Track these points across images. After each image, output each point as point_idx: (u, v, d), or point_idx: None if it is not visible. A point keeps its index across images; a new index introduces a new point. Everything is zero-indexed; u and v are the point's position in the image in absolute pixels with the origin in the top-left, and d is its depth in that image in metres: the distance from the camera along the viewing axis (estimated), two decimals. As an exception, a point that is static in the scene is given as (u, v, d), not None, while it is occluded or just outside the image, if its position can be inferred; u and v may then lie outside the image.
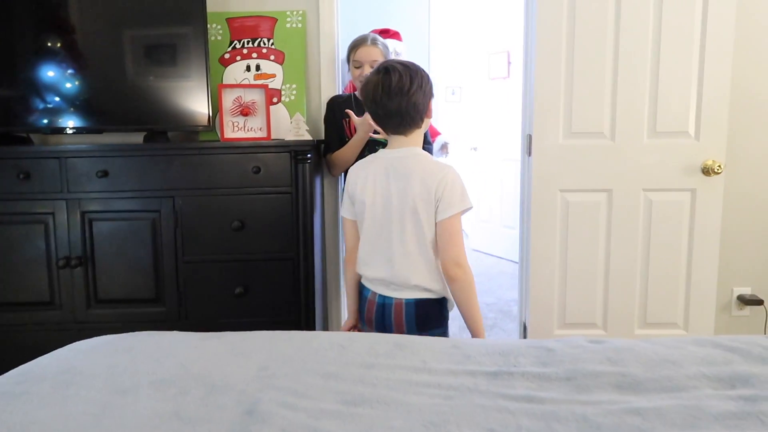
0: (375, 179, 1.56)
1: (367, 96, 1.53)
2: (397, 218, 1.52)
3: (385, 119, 1.54)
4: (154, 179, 2.11)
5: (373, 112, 1.55)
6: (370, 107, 1.54)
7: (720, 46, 2.30)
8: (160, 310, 2.16)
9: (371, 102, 1.52)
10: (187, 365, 1.10)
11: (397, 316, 1.55)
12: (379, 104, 1.50)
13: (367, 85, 1.53)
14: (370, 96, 1.51)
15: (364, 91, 1.55)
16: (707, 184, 2.38)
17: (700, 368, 1.10)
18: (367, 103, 1.54)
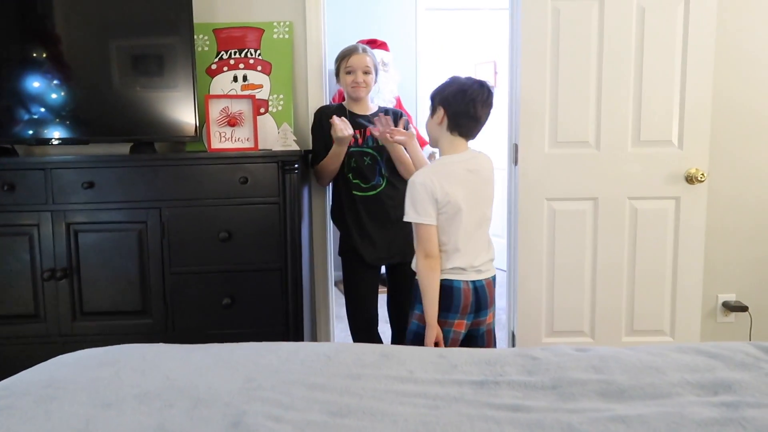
0: (462, 180, 1.75)
1: (467, 100, 1.71)
2: (483, 208, 1.80)
3: (472, 125, 1.77)
4: (141, 190, 2.10)
5: (463, 114, 1.73)
6: (464, 110, 1.72)
7: (701, 55, 2.34)
8: (147, 322, 2.14)
9: (470, 107, 1.72)
10: (172, 378, 1.10)
11: (490, 293, 1.80)
12: (474, 111, 1.73)
13: (468, 90, 1.71)
14: (472, 102, 1.71)
15: (463, 93, 1.71)
16: (691, 192, 2.41)
17: (683, 375, 1.11)
18: (463, 106, 1.72)
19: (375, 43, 3.60)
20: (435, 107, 1.79)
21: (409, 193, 1.75)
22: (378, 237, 2.24)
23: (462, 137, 1.79)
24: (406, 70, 4.22)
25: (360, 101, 2.31)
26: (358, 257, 2.25)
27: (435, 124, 1.80)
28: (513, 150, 2.50)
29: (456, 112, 1.74)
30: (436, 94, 1.80)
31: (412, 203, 1.74)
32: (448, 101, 1.75)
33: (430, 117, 1.83)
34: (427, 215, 1.72)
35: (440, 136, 1.81)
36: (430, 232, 1.73)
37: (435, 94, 1.80)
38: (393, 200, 2.26)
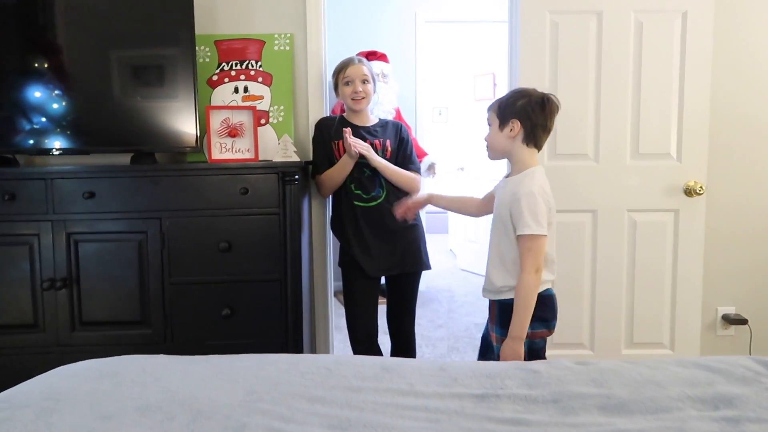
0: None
1: (546, 114, 1.73)
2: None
3: (545, 138, 1.78)
4: (141, 200, 2.10)
5: (541, 127, 1.74)
6: (542, 123, 1.74)
7: (698, 68, 2.36)
8: (146, 332, 2.14)
9: (548, 121, 1.74)
10: (173, 390, 1.09)
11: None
12: (550, 125, 1.76)
13: (547, 104, 1.73)
14: (550, 115, 1.74)
15: (542, 107, 1.72)
16: (690, 205, 2.42)
17: (684, 389, 1.11)
18: (542, 119, 1.73)
19: (375, 55, 3.62)
20: (506, 120, 1.75)
21: (527, 204, 1.67)
22: (378, 248, 2.25)
23: (536, 149, 1.78)
24: (405, 81, 4.25)
25: (359, 112, 2.32)
26: (358, 268, 2.25)
27: (506, 137, 1.76)
28: (512, 162, 2.51)
29: (535, 125, 1.72)
30: (506, 107, 1.75)
31: (532, 215, 1.66)
32: (526, 114, 1.72)
33: (498, 130, 1.77)
34: (545, 227, 1.68)
35: (513, 148, 1.76)
36: (545, 244, 1.69)
37: (505, 107, 1.76)
38: (393, 211, 2.26)
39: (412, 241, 2.30)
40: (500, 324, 1.75)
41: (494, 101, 1.83)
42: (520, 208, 1.67)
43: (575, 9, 2.37)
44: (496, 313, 1.78)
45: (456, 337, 3.41)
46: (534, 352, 1.73)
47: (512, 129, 1.74)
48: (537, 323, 1.71)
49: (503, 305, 1.74)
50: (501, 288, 1.75)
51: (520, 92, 1.77)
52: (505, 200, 1.76)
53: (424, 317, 3.71)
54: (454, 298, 4.28)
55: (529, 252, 1.67)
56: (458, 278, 4.91)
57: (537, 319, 1.71)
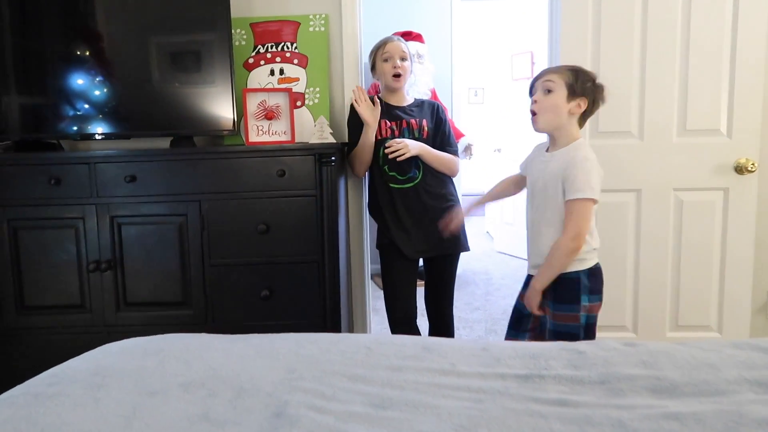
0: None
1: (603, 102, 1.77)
2: None
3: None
4: (181, 183, 2.13)
5: (594, 112, 1.78)
6: (597, 108, 1.77)
7: (752, 39, 2.24)
8: (187, 313, 2.18)
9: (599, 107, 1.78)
10: (215, 367, 1.10)
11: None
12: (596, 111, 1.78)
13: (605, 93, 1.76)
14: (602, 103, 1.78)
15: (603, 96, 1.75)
16: (741, 183, 2.32)
17: (741, 372, 1.06)
18: (599, 105, 1.77)
19: (410, 35, 3.57)
20: (576, 95, 1.71)
21: (582, 169, 1.66)
22: (415, 230, 2.23)
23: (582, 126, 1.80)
24: (441, 62, 4.18)
25: (396, 92, 2.29)
26: (396, 250, 2.24)
27: (568, 110, 1.72)
28: (552, 140, 2.44)
29: (593, 108, 1.76)
30: (580, 82, 1.71)
31: (586, 179, 1.64)
32: (593, 96, 1.74)
33: (564, 101, 1.71)
34: (597, 191, 1.67)
35: (569, 123, 1.74)
36: (592, 210, 1.68)
37: (579, 82, 1.71)
38: (430, 193, 2.24)
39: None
40: (554, 298, 1.74)
41: (560, 67, 1.79)
42: (575, 173, 1.65)
43: (620, -20, 2.28)
44: (550, 288, 1.75)
45: (493, 319, 3.37)
46: (590, 327, 1.73)
47: (579, 105, 1.72)
48: (594, 296, 1.72)
49: (559, 279, 1.73)
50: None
51: (588, 73, 1.75)
52: (555, 172, 1.73)
53: (461, 300, 3.68)
54: (491, 280, 4.24)
55: (572, 216, 1.66)
56: (495, 261, 4.85)
57: (593, 292, 1.71)
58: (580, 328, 1.71)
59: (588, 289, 1.71)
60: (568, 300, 1.72)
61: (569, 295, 1.72)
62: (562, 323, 1.72)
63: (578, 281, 1.71)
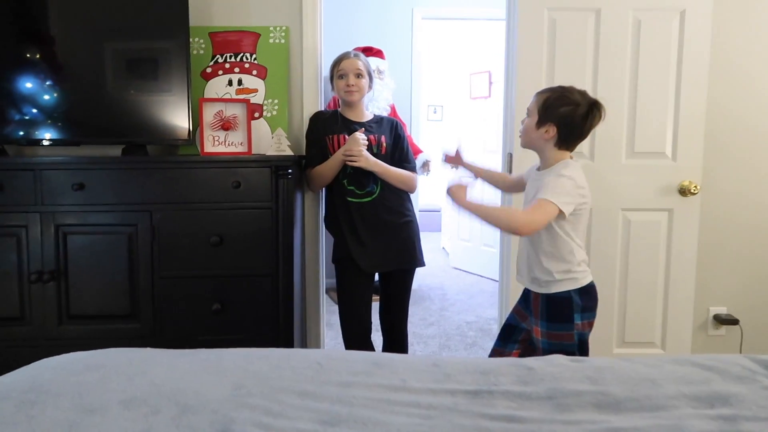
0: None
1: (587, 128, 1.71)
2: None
3: (578, 142, 1.76)
4: (132, 193, 2.07)
5: (577, 137, 1.73)
6: (578, 134, 1.72)
7: (695, 68, 2.35)
8: (135, 326, 2.11)
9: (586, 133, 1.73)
10: (159, 383, 1.07)
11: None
12: (586, 135, 1.74)
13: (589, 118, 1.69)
14: (589, 130, 1.72)
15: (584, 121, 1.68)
16: (684, 205, 2.41)
17: (680, 387, 1.09)
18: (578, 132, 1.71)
19: (371, 51, 3.60)
20: (544, 121, 1.71)
21: (560, 180, 1.67)
22: (373, 244, 2.23)
23: (568, 152, 1.77)
24: (401, 78, 4.22)
25: (354, 107, 2.30)
26: (352, 264, 2.23)
27: (539, 135, 1.73)
28: (508, 159, 2.50)
29: (571, 133, 1.71)
30: (548, 108, 1.70)
31: (559, 189, 1.65)
32: (565, 122, 1.69)
33: (533, 125, 1.73)
34: (563, 202, 1.65)
35: (545, 147, 1.75)
36: (552, 215, 1.65)
37: (547, 107, 1.70)
38: (388, 208, 2.24)
39: (407, 238, 2.29)
40: (546, 318, 1.74)
41: (543, 91, 1.76)
42: (549, 180, 1.68)
43: (573, 6, 2.35)
44: (541, 306, 1.76)
45: (448, 335, 3.39)
46: (584, 344, 1.74)
47: (547, 131, 1.71)
48: (587, 314, 1.73)
49: (551, 299, 1.73)
50: (555, 274, 1.72)
51: (568, 97, 1.70)
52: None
53: (416, 315, 3.69)
54: (447, 296, 4.27)
55: (533, 208, 1.65)
56: (451, 276, 4.89)
57: (585, 310, 1.72)
58: (574, 346, 1.71)
59: (581, 308, 1.71)
60: (562, 319, 1.72)
61: (562, 315, 1.72)
62: (556, 342, 1.71)
63: (570, 300, 1.71)
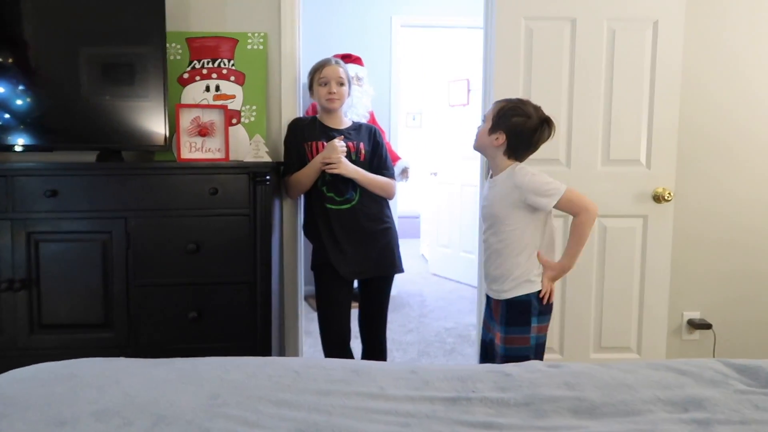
0: None
1: (534, 141, 1.81)
2: None
3: (527, 155, 1.85)
4: (106, 200, 2.04)
5: (524, 149, 1.82)
6: (526, 147, 1.82)
7: (668, 77, 2.40)
8: (109, 335, 2.07)
9: (534, 147, 1.83)
10: (132, 394, 1.05)
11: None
12: (534, 149, 1.84)
13: (537, 133, 1.79)
14: (536, 144, 1.82)
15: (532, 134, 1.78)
16: (658, 211, 2.45)
17: (655, 392, 1.11)
18: (526, 145, 1.81)
19: (350, 58, 3.60)
20: (496, 129, 1.81)
21: (534, 181, 1.76)
22: (352, 251, 2.22)
23: (517, 161, 1.85)
24: (380, 85, 4.23)
25: (333, 114, 2.30)
26: (332, 271, 2.22)
27: (491, 141, 1.82)
28: (485, 166, 2.51)
29: (519, 145, 1.80)
30: (501, 116, 1.80)
31: (544, 182, 1.76)
32: (514, 133, 1.79)
33: (486, 131, 1.84)
34: (559, 183, 1.76)
35: (495, 154, 1.85)
36: (574, 191, 1.77)
37: (501, 116, 1.80)
38: (367, 214, 2.24)
39: (386, 245, 2.28)
40: (506, 322, 1.78)
41: (501, 100, 1.86)
42: (532, 189, 1.75)
43: (550, 16, 2.39)
44: (501, 311, 1.80)
45: (427, 341, 3.39)
46: (539, 347, 1.77)
47: (497, 138, 1.81)
48: (543, 316, 1.77)
49: (511, 303, 1.77)
50: (519, 277, 1.77)
51: (521, 109, 1.80)
52: (497, 197, 1.82)
53: (395, 322, 3.69)
54: (426, 302, 4.27)
55: (569, 204, 1.77)
56: (430, 283, 4.90)
57: (542, 313, 1.77)
58: (530, 350, 1.75)
59: (538, 311, 1.76)
60: (520, 323, 1.76)
61: (520, 318, 1.76)
62: (512, 347, 1.75)
63: (529, 304, 1.76)
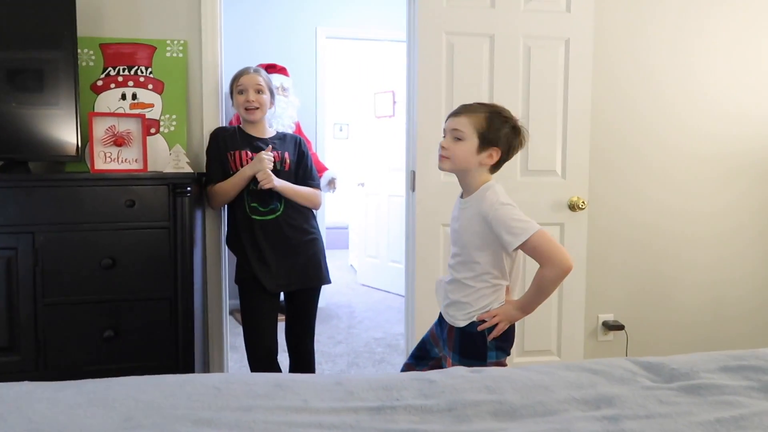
0: None
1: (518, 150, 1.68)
2: None
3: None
4: (11, 213, 1.90)
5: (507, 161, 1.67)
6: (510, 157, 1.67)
7: (579, 92, 2.54)
8: (14, 359, 1.93)
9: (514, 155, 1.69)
10: (36, 421, 0.98)
11: None
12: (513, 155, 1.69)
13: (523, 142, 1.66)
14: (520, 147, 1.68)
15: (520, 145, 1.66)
16: (573, 219, 2.57)
17: (570, 392, 1.16)
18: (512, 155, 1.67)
19: (274, 68, 3.57)
20: (488, 146, 1.60)
21: (505, 213, 1.57)
22: (277, 263, 2.19)
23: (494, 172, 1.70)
24: (306, 96, 4.22)
25: (257, 123, 2.27)
26: (256, 284, 2.18)
27: (479, 160, 1.62)
28: (411, 177, 2.55)
29: (508, 156, 1.65)
30: (490, 131, 1.59)
31: (516, 220, 1.56)
32: (507, 145, 1.62)
33: (473, 150, 1.60)
34: (532, 222, 1.56)
35: (477, 171, 1.64)
36: (546, 235, 1.56)
37: (489, 131, 1.59)
38: (291, 225, 2.22)
39: (312, 256, 2.27)
40: (460, 352, 1.65)
41: (473, 109, 1.63)
42: (502, 224, 1.56)
43: (470, 32, 2.47)
44: (455, 339, 1.67)
45: (356, 352, 3.39)
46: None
47: (491, 156, 1.61)
48: (501, 352, 1.66)
49: (465, 333, 1.65)
50: (481, 309, 1.65)
51: (501, 116, 1.62)
52: (470, 218, 1.65)
53: (323, 333, 3.66)
54: (354, 313, 4.27)
55: (536, 252, 1.57)
56: (358, 293, 4.90)
57: (500, 349, 1.65)
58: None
59: (495, 345, 1.65)
60: (475, 356, 1.63)
61: (476, 351, 1.64)
62: None
63: (485, 337, 1.63)
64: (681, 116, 2.82)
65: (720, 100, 2.84)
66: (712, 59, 2.82)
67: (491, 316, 1.64)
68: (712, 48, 2.81)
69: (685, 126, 2.83)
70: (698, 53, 2.80)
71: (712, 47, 2.81)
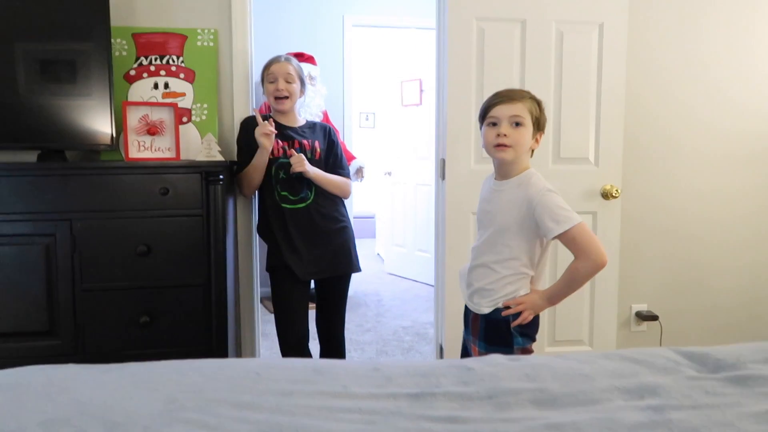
0: None
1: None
2: None
3: None
4: (49, 201, 1.94)
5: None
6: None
7: (614, 78, 2.48)
8: (54, 343, 1.98)
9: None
10: (84, 401, 1.00)
11: None
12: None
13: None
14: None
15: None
16: (606, 208, 2.53)
17: (612, 381, 1.14)
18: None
19: (302, 57, 3.57)
20: (538, 130, 1.65)
21: (551, 202, 1.55)
22: (308, 251, 2.20)
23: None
24: (333, 85, 4.22)
25: (287, 112, 2.27)
26: (288, 272, 2.19)
27: (531, 145, 1.66)
28: (440, 165, 2.53)
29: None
30: (540, 117, 1.65)
31: (560, 208, 1.54)
32: (543, 129, 1.67)
33: (531, 135, 1.63)
34: (575, 214, 1.55)
35: (525, 155, 1.65)
36: (586, 228, 1.55)
37: (539, 117, 1.64)
38: (321, 214, 2.22)
39: (343, 244, 2.27)
40: (485, 339, 1.66)
41: (524, 95, 1.65)
42: (546, 210, 1.55)
43: (501, 17, 2.43)
44: (480, 327, 1.67)
45: (384, 340, 3.39)
46: None
47: (537, 140, 1.66)
48: (526, 338, 1.65)
49: (489, 320, 1.65)
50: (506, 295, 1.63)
51: (539, 101, 1.66)
52: (507, 202, 1.64)
53: (352, 321, 3.67)
54: (382, 302, 4.27)
55: (574, 243, 1.55)
56: (385, 282, 4.91)
57: (524, 335, 1.64)
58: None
59: (519, 332, 1.63)
60: (501, 343, 1.63)
61: (502, 338, 1.63)
62: None
63: (509, 324, 1.63)
64: (726, 95, 2.73)
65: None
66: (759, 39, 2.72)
67: (517, 303, 1.64)
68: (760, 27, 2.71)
69: (732, 104, 2.74)
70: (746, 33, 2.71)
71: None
